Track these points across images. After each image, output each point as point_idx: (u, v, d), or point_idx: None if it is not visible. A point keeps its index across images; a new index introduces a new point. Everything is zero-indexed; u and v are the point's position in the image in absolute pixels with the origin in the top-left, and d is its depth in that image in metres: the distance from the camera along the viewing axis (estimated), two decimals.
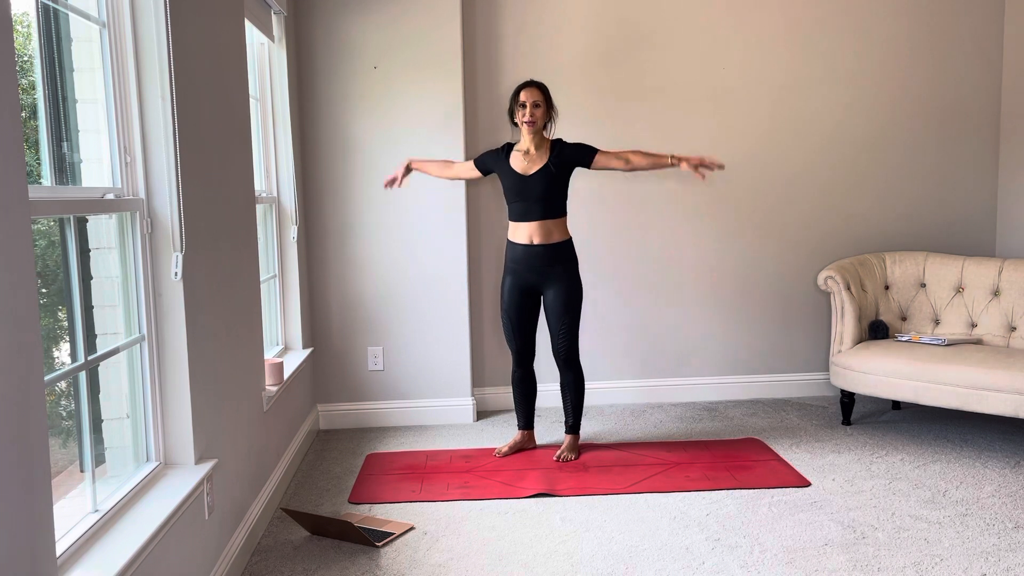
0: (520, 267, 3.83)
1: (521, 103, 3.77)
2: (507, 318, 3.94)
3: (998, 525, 3.09)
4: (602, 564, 2.85)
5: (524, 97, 3.77)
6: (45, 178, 2.06)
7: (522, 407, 4.05)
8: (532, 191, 3.76)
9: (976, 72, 4.86)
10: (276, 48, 4.12)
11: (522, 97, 3.77)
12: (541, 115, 3.77)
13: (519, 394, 4.05)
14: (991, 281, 4.34)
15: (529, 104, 3.75)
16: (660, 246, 4.83)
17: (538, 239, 3.78)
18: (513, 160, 3.83)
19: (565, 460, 3.85)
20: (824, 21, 4.77)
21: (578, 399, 3.95)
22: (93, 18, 2.29)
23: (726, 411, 4.69)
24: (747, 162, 4.82)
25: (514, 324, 3.93)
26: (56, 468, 2.11)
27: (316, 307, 4.57)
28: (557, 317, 3.83)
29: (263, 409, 3.35)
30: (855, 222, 4.90)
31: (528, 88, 3.79)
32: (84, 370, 2.12)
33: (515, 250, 3.85)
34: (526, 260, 3.81)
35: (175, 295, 2.47)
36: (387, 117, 4.47)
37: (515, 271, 3.86)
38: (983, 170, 4.93)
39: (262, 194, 3.96)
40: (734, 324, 4.91)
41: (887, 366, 4.04)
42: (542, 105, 3.77)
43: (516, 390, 4.05)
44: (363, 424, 4.61)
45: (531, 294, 3.89)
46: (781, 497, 3.40)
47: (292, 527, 3.22)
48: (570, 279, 3.83)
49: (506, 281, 3.91)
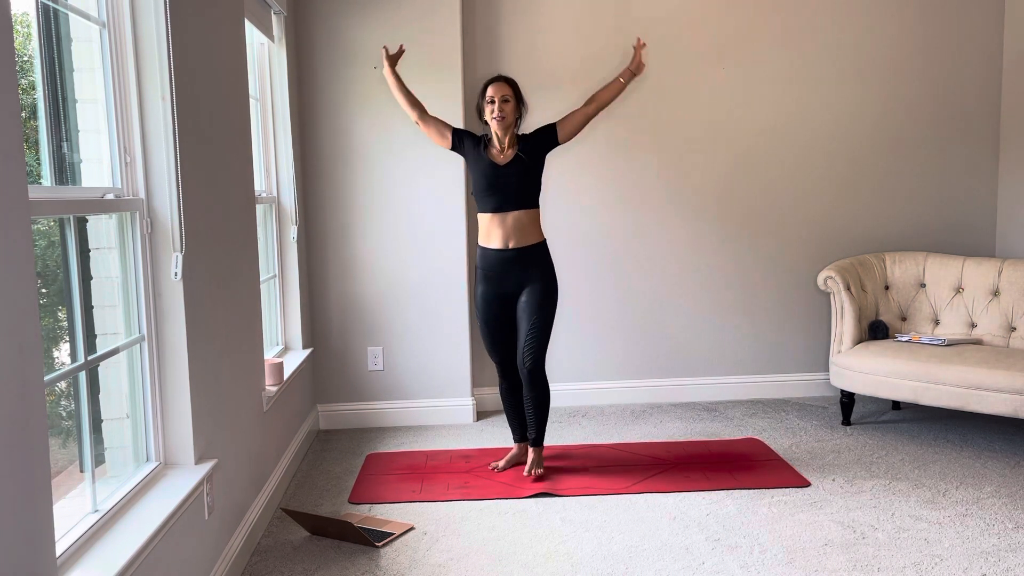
0: (494, 274, 3.63)
1: (489, 99, 3.57)
2: (486, 329, 3.72)
3: (998, 525, 3.09)
4: (602, 564, 2.85)
5: (492, 92, 3.56)
6: (45, 178, 2.06)
7: (516, 420, 3.84)
8: (507, 181, 3.56)
9: (976, 72, 4.87)
10: (276, 48, 4.12)
11: (489, 92, 3.57)
12: (511, 110, 3.56)
13: (509, 407, 3.83)
14: (991, 281, 4.34)
15: (498, 99, 3.54)
16: (660, 246, 4.83)
17: (514, 242, 3.58)
18: (487, 150, 3.63)
19: (536, 475, 3.67)
20: (824, 21, 4.77)
21: (543, 412, 3.69)
22: (93, 18, 2.29)
23: (726, 411, 4.69)
24: (747, 162, 4.82)
25: (494, 336, 3.71)
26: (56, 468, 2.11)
27: (316, 307, 4.57)
28: (529, 325, 3.59)
29: (263, 409, 3.34)
30: (855, 222, 4.90)
31: (496, 83, 3.59)
32: (84, 370, 2.12)
33: (489, 256, 3.62)
34: (500, 267, 3.61)
35: (175, 295, 2.47)
36: (387, 117, 4.47)
37: (489, 279, 3.65)
38: (983, 170, 4.93)
39: (262, 194, 3.96)
40: (734, 324, 4.91)
41: (887, 366, 4.04)
42: (511, 100, 3.57)
43: (506, 403, 3.84)
44: (363, 424, 4.61)
45: (508, 302, 3.67)
46: (781, 497, 3.40)
47: (292, 527, 3.22)
48: (546, 282, 3.63)
49: (480, 290, 3.69)
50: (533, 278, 3.62)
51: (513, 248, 3.60)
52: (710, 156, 4.80)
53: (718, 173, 4.83)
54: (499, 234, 3.60)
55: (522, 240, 3.60)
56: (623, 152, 4.76)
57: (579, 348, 4.81)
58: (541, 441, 3.75)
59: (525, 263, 3.61)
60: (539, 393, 3.67)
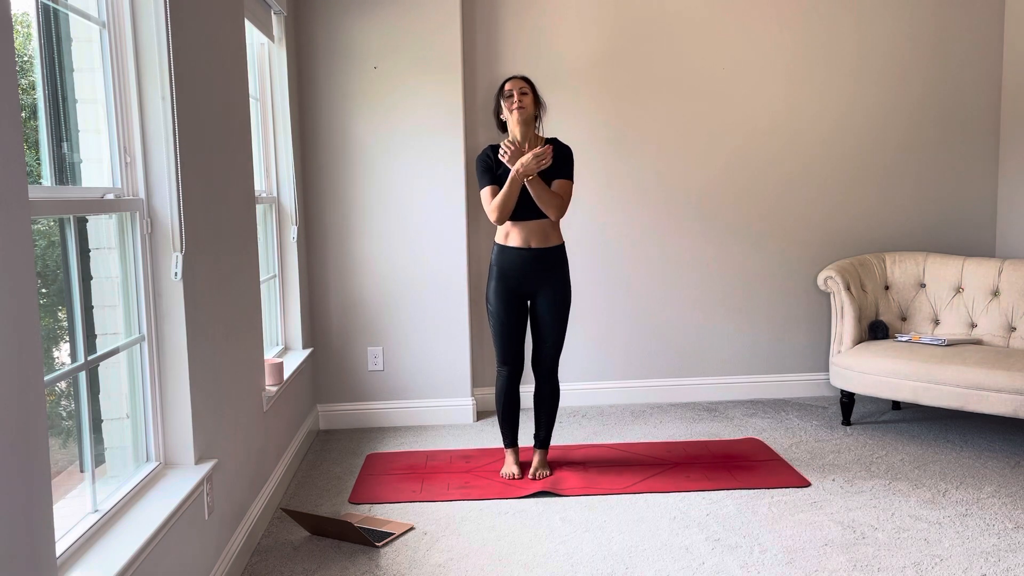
0: (513, 273, 3.59)
1: (507, 92, 3.56)
2: (499, 325, 3.65)
3: (998, 525, 3.09)
4: (602, 564, 2.85)
5: (510, 86, 3.57)
6: (45, 178, 2.06)
7: (512, 426, 3.75)
8: (527, 193, 3.50)
9: (976, 72, 4.87)
10: (276, 48, 4.12)
11: (508, 87, 3.57)
12: (529, 102, 3.54)
13: (509, 413, 3.73)
14: (991, 281, 4.34)
15: (516, 91, 3.54)
16: (660, 246, 4.83)
17: (535, 242, 3.57)
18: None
19: (542, 477, 3.66)
20: (825, 21, 4.77)
21: (554, 413, 3.74)
22: (93, 18, 2.29)
23: (726, 411, 4.69)
24: (747, 162, 4.82)
25: (507, 334, 3.65)
26: (56, 468, 2.11)
27: (316, 307, 4.57)
28: (548, 326, 3.63)
29: (263, 409, 3.34)
30: (855, 222, 4.91)
31: (513, 79, 3.61)
32: (84, 370, 2.12)
33: (508, 255, 3.60)
34: (520, 266, 3.58)
35: (175, 295, 2.47)
36: (387, 117, 4.47)
37: (506, 277, 3.60)
38: (983, 170, 4.93)
39: (262, 194, 3.96)
40: (734, 324, 4.91)
41: (887, 366, 4.04)
42: (529, 93, 3.56)
43: (506, 409, 3.72)
44: (363, 424, 4.61)
45: (523, 301, 3.66)
46: (781, 497, 3.40)
47: (292, 527, 3.22)
48: (564, 286, 3.64)
49: (495, 287, 3.63)
50: (552, 280, 3.62)
51: (534, 248, 3.59)
52: (709, 156, 4.80)
53: (717, 173, 4.82)
54: (519, 236, 3.59)
55: (543, 242, 3.59)
56: (622, 152, 4.76)
57: (579, 348, 4.81)
58: (548, 443, 3.76)
59: (545, 264, 3.60)
60: (554, 388, 3.73)
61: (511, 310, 3.64)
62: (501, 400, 3.72)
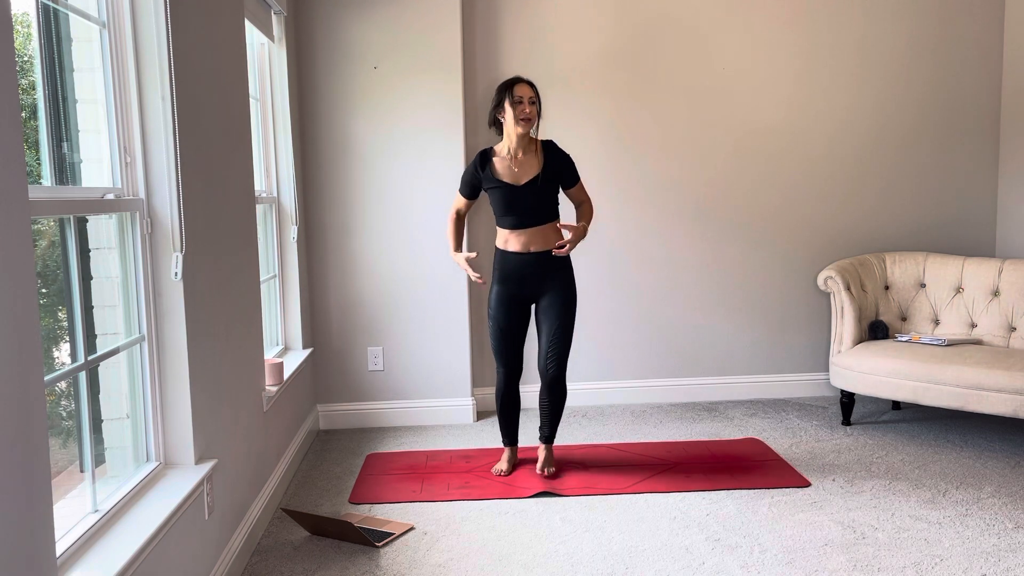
0: (514, 278, 3.57)
1: (517, 98, 3.45)
2: (498, 330, 3.63)
3: (998, 525, 3.09)
4: (602, 564, 2.85)
5: (521, 92, 3.46)
6: (45, 178, 2.06)
7: (510, 427, 3.77)
8: (524, 202, 3.51)
9: (976, 72, 4.87)
10: (276, 48, 4.12)
11: (518, 92, 3.46)
12: (534, 112, 3.48)
13: (509, 414, 3.74)
14: (991, 281, 4.34)
15: (526, 100, 3.46)
16: (660, 246, 4.83)
17: (535, 246, 3.54)
18: (498, 168, 3.55)
19: (549, 473, 3.67)
20: (826, 22, 4.77)
21: (559, 413, 3.71)
22: (93, 18, 2.29)
23: (726, 411, 4.69)
24: (748, 163, 4.82)
25: (506, 339, 3.63)
26: (56, 468, 2.11)
27: (316, 307, 4.57)
28: (553, 331, 3.56)
29: (263, 409, 3.34)
30: (855, 222, 4.90)
31: (521, 83, 3.49)
32: (84, 370, 2.12)
33: (508, 260, 3.57)
34: (520, 270, 3.55)
35: (175, 295, 2.47)
36: (387, 117, 4.47)
37: (507, 281, 3.58)
38: (983, 170, 4.93)
39: (262, 194, 3.96)
40: (734, 324, 4.91)
41: (887, 366, 4.04)
42: (537, 102, 3.51)
43: (505, 410, 3.72)
44: (363, 424, 4.61)
45: (524, 306, 3.63)
46: (781, 497, 3.40)
47: (292, 527, 3.22)
48: (567, 290, 3.58)
49: (496, 291, 3.62)
50: (555, 284, 3.58)
51: (534, 252, 3.55)
52: (709, 157, 4.80)
53: (717, 174, 4.82)
54: (519, 241, 3.57)
55: (544, 245, 3.56)
56: (623, 152, 4.76)
57: (579, 348, 4.80)
58: (553, 439, 3.77)
59: (546, 268, 3.57)
60: (560, 392, 3.68)
61: (510, 315, 3.63)
62: (500, 400, 3.74)
